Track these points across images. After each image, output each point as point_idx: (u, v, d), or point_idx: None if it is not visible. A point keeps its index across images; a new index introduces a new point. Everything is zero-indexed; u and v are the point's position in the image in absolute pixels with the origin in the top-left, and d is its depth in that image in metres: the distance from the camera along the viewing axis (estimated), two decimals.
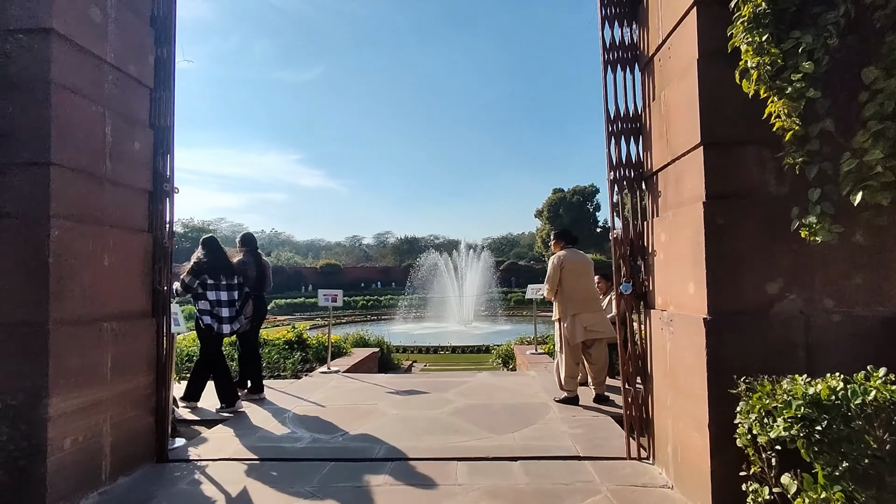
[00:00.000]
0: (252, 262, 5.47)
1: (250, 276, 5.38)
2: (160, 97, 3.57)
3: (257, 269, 5.49)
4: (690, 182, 2.73)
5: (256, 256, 5.56)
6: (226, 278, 4.96)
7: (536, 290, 8.20)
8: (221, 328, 4.87)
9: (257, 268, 5.50)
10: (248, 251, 5.57)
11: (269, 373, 6.78)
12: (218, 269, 4.93)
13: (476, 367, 14.73)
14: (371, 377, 6.47)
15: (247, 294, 5.21)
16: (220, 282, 4.91)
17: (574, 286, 4.92)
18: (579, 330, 4.84)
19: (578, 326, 4.84)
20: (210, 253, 4.99)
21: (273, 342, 8.20)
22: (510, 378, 6.17)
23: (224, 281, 4.94)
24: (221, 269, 4.96)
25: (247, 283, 5.28)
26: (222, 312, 4.89)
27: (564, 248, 5.10)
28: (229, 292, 4.96)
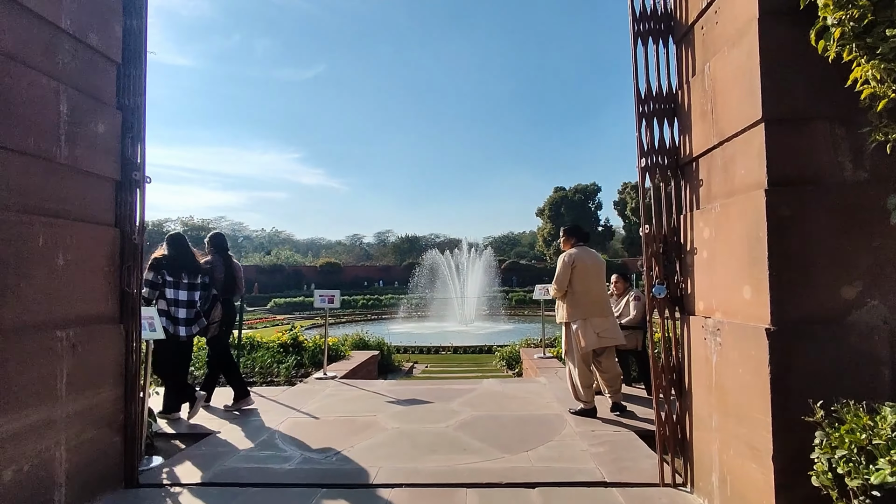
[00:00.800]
0: (220, 263, 5.05)
1: (218, 279, 4.97)
2: (129, 74, 3.15)
3: (226, 272, 5.07)
4: (745, 167, 2.31)
5: (226, 258, 5.16)
6: (188, 277, 4.56)
7: (544, 291, 7.78)
8: (177, 329, 4.44)
9: (226, 270, 5.08)
10: (217, 252, 5.14)
11: (262, 378, 6.37)
12: (180, 266, 4.52)
13: (478, 367, 14.34)
14: (370, 384, 6.06)
15: (214, 297, 4.82)
16: (180, 280, 4.51)
17: (586, 288, 4.49)
18: (591, 336, 4.42)
19: (590, 332, 4.42)
20: (173, 249, 4.59)
21: (267, 345, 7.79)
22: (519, 385, 5.75)
23: (185, 280, 4.54)
24: (184, 267, 4.55)
25: (214, 286, 4.89)
26: (179, 313, 4.48)
27: (575, 245, 4.68)
28: (189, 292, 4.56)
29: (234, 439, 3.99)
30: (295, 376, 6.56)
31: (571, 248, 4.70)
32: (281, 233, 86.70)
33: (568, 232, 4.85)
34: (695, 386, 2.80)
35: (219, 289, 4.93)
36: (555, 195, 62.98)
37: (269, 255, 63.79)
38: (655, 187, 3.04)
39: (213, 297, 4.83)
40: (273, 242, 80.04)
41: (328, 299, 6.51)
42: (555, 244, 61.91)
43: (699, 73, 2.75)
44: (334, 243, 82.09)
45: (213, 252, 5.13)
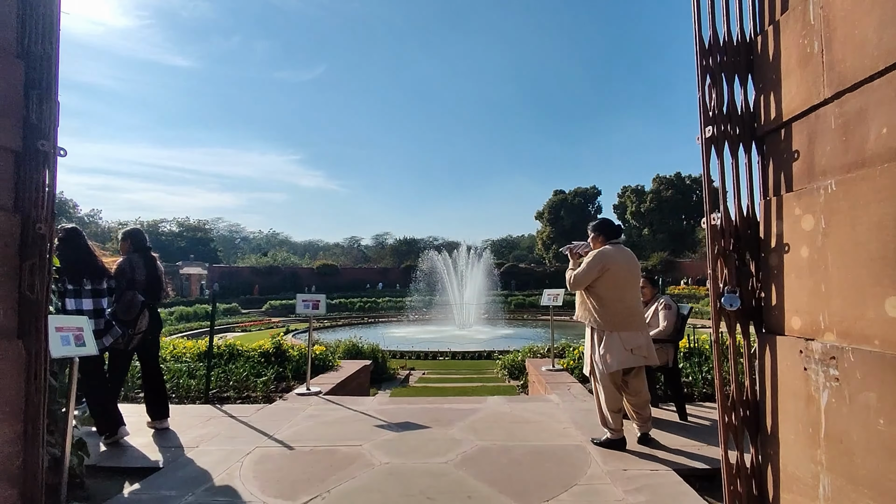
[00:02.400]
0: (141, 263, 4.30)
1: (139, 281, 4.22)
2: (35, 14, 2.42)
3: (148, 273, 4.33)
4: (890, 123, 1.59)
5: (148, 258, 4.41)
6: (91, 283, 3.84)
7: (553, 297, 7.06)
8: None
9: (148, 271, 4.34)
10: (136, 250, 4.38)
11: (236, 394, 5.62)
12: (79, 270, 3.80)
13: (478, 375, 13.56)
14: (358, 402, 5.30)
15: (142, 303, 4.13)
16: (82, 287, 3.79)
17: (618, 295, 3.75)
18: (620, 353, 3.67)
19: (619, 348, 3.68)
20: (70, 250, 3.82)
21: (248, 354, 7.04)
22: (528, 406, 5.01)
23: (88, 286, 3.83)
24: (85, 270, 3.83)
25: (141, 289, 4.20)
26: None
27: (607, 243, 3.94)
28: (95, 300, 3.85)
29: (183, 478, 3.24)
30: (275, 391, 5.81)
31: (603, 246, 3.94)
32: (278, 234, 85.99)
33: (597, 228, 4.04)
34: (783, 431, 2.08)
35: (141, 293, 4.21)
36: (554, 198, 62.36)
37: (265, 257, 62.98)
38: (723, 165, 2.32)
39: (140, 304, 4.11)
40: (271, 244, 79.26)
41: (312, 305, 5.76)
42: (554, 248, 61.31)
43: (795, 8, 2.03)
44: (332, 245, 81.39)
45: (132, 251, 4.37)
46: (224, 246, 73.08)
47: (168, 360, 6.88)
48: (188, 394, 5.52)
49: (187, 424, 4.45)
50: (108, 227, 55.89)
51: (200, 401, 5.35)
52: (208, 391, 5.40)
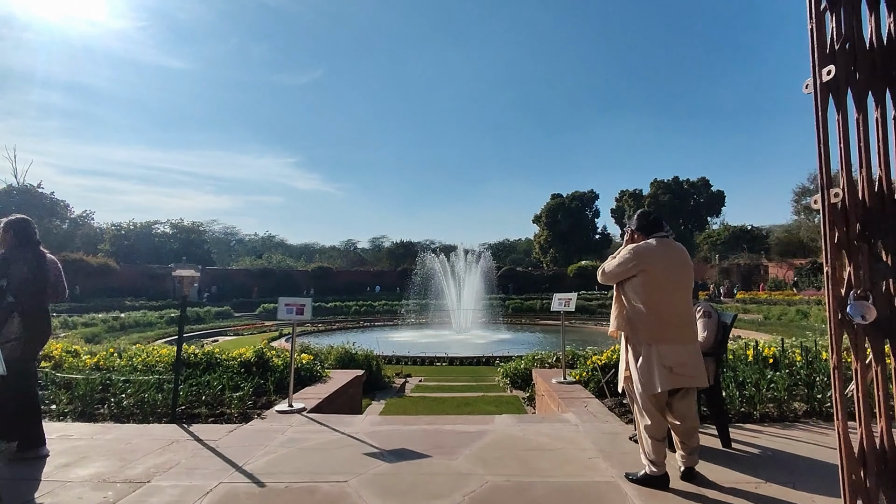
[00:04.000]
0: (22, 259, 3.62)
1: (25, 279, 3.57)
2: None
3: (34, 271, 3.65)
4: None
5: (35, 252, 3.74)
6: None
7: (564, 301, 6.41)
8: None
9: (34, 269, 3.66)
10: (22, 245, 3.70)
11: (209, 410, 4.94)
12: None
13: (477, 382, 12.85)
14: (347, 422, 4.61)
15: (9, 305, 3.46)
16: None
17: (659, 300, 3.09)
18: (659, 371, 3.02)
19: (657, 366, 3.02)
20: None
21: (226, 363, 6.36)
22: (543, 428, 4.33)
23: None
24: None
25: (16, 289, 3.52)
26: None
27: (650, 237, 3.25)
28: None
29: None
30: (253, 407, 5.12)
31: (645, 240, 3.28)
32: (274, 237, 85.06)
33: (640, 218, 3.36)
34: None
35: (25, 293, 3.55)
36: (552, 202, 61.87)
37: (259, 259, 62.14)
38: (845, 120, 1.67)
39: (6, 305, 3.42)
40: (266, 247, 78.40)
41: (296, 310, 5.07)
42: (551, 251, 60.71)
43: None
44: (328, 248, 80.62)
45: (16, 244, 3.68)
46: (219, 248, 72.18)
47: (139, 368, 6.20)
48: (153, 411, 4.82)
49: (144, 450, 3.76)
50: (100, 229, 54.93)
51: (167, 419, 4.66)
52: (175, 408, 4.71)
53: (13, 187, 44.17)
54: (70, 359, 6.78)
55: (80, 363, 6.58)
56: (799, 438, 3.93)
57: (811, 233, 51.87)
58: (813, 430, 4.12)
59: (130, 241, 52.56)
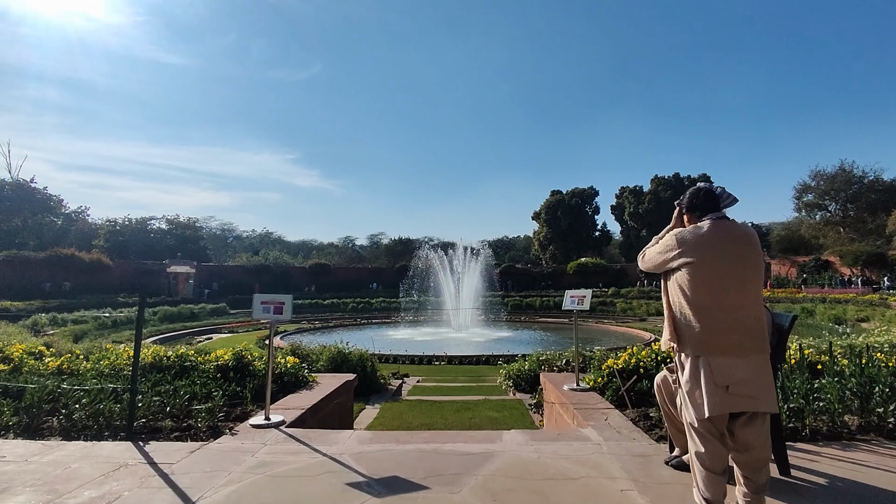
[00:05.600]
0: None
1: None
2: None
3: None
4: None
5: None
6: None
7: (578, 299, 5.77)
8: None
9: None
10: None
11: (175, 423, 4.30)
12: None
13: (478, 383, 12.22)
14: (330, 439, 3.95)
15: None
16: None
17: (716, 298, 2.44)
18: (713, 392, 2.37)
19: (709, 384, 2.38)
20: None
21: (201, 367, 5.71)
22: (561, 448, 3.68)
23: None
24: None
25: None
26: None
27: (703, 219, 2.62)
28: None
29: None
30: (225, 419, 4.47)
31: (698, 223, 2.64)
32: (272, 234, 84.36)
33: (689, 197, 2.74)
34: None
35: None
36: (551, 198, 61.21)
37: (256, 256, 61.40)
38: None
39: None
40: (264, 243, 77.70)
41: (274, 309, 4.42)
42: (551, 248, 59.99)
43: None
44: (326, 245, 79.94)
45: None
46: (216, 245, 71.44)
47: (105, 373, 5.55)
48: (109, 424, 4.17)
49: (83, 478, 3.12)
50: (95, 225, 54.18)
51: (122, 435, 4.02)
52: (132, 423, 4.06)
53: (6, 182, 43.38)
54: (31, 361, 6.12)
55: (43, 367, 5.94)
56: (866, 463, 3.30)
57: (812, 230, 51.37)
58: (880, 452, 3.49)
59: (125, 237, 51.85)
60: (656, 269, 2.71)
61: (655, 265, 2.68)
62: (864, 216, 49.31)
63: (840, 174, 50.50)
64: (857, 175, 49.99)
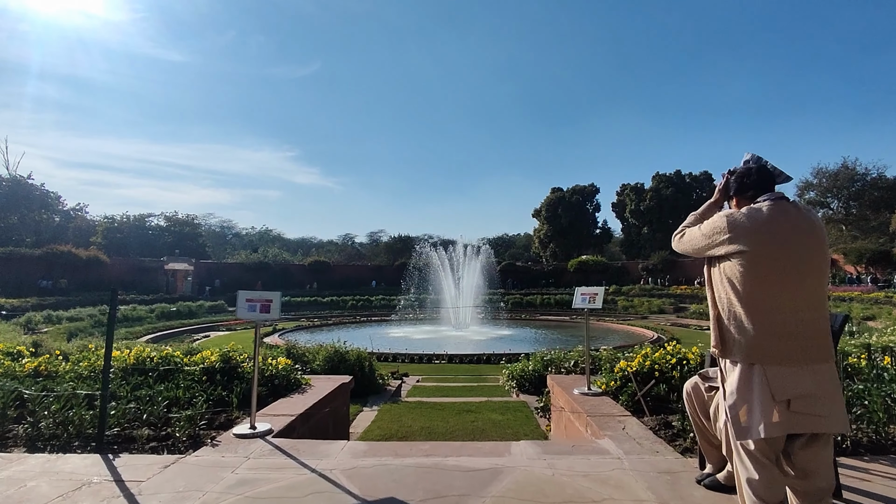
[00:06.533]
0: None
1: None
2: None
3: None
4: None
5: None
6: None
7: (589, 297, 5.39)
8: None
9: None
10: None
11: (153, 432, 3.92)
12: None
13: (479, 383, 11.86)
14: (321, 451, 3.57)
15: None
16: None
17: (774, 295, 2.07)
18: (768, 408, 2.00)
19: (765, 398, 2.01)
20: None
21: (187, 368, 5.34)
22: (577, 463, 3.31)
23: None
24: None
25: None
26: None
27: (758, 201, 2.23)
28: None
29: None
30: (208, 427, 4.10)
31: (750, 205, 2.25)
32: (271, 231, 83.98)
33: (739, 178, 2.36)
34: None
35: None
36: (552, 196, 60.79)
37: (255, 253, 60.98)
38: None
39: None
40: (263, 240, 77.34)
41: (261, 307, 4.04)
42: (551, 246, 59.53)
43: None
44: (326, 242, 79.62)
45: None
46: (215, 242, 71.07)
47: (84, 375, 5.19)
48: (80, 433, 3.79)
49: (40, 499, 2.75)
50: (93, 222, 53.77)
51: (92, 447, 3.65)
52: (103, 432, 3.68)
53: (3, 178, 42.96)
54: (7, 362, 5.73)
55: (19, 368, 5.56)
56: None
57: None
58: None
59: (123, 234, 51.46)
60: (695, 254, 2.34)
61: (695, 249, 2.30)
62: (867, 214, 48.92)
63: (842, 171, 50.10)
64: (860, 172, 49.60)
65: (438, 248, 32.01)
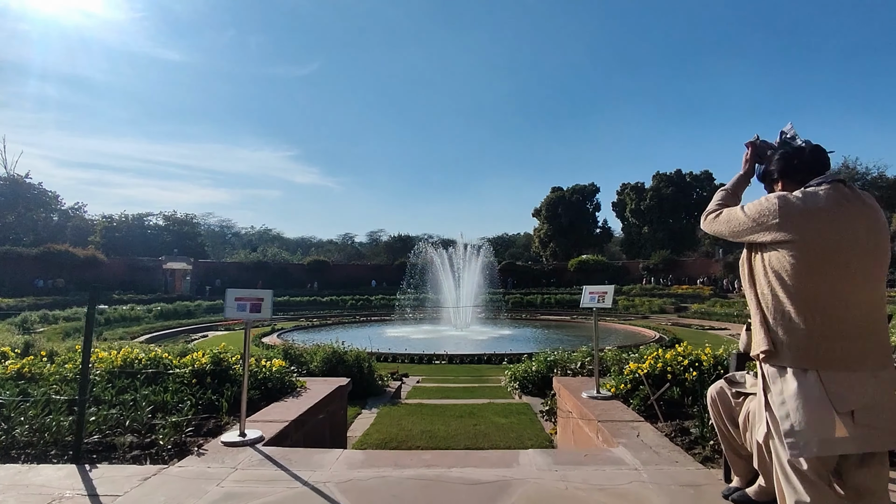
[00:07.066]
0: None
1: None
2: None
3: None
4: None
5: None
6: None
7: (598, 296, 5.14)
8: None
9: None
10: None
11: (138, 439, 3.68)
12: None
13: (480, 383, 11.61)
14: (314, 461, 3.32)
15: None
16: None
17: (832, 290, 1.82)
18: (823, 419, 1.74)
19: (822, 408, 1.75)
20: None
21: (176, 371, 5.09)
22: (591, 475, 3.05)
23: None
24: None
25: None
26: None
27: (808, 186, 1.98)
28: None
29: None
30: (195, 434, 3.85)
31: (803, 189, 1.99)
32: (271, 231, 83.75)
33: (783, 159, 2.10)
34: None
35: None
36: (552, 195, 60.54)
37: (254, 252, 60.72)
38: None
39: None
40: (263, 240, 77.12)
41: (250, 306, 3.78)
42: (552, 245, 59.24)
43: None
44: (325, 242, 79.39)
45: None
46: (214, 241, 70.84)
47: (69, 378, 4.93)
48: (58, 441, 3.55)
49: None
50: (92, 221, 53.50)
51: (70, 456, 3.40)
52: (81, 441, 3.43)
53: (0, 178, 42.70)
54: None
55: (1, 371, 5.31)
56: None
57: None
58: None
59: (122, 233, 51.19)
60: (733, 237, 2.04)
61: (734, 232, 2.01)
62: None
63: (843, 171, 49.81)
64: (861, 172, 49.32)
65: (438, 247, 31.77)
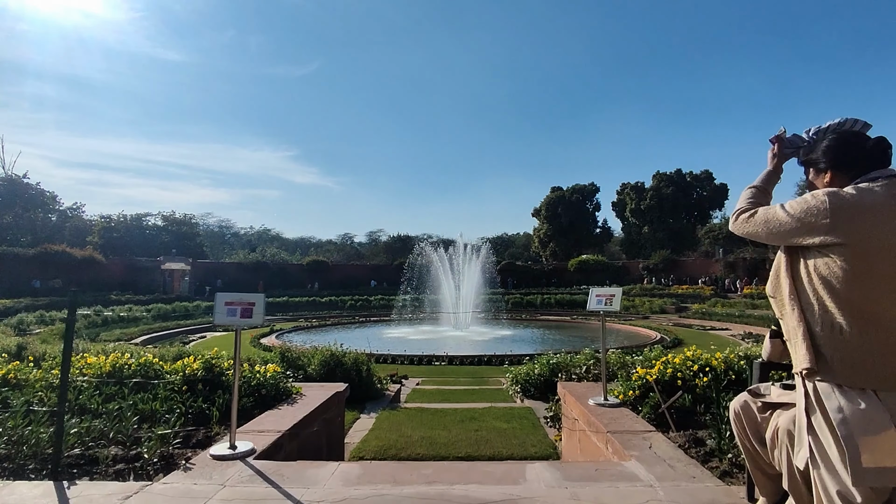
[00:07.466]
0: None
1: None
2: None
3: None
4: None
5: None
6: None
7: (606, 298, 4.94)
8: None
9: None
10: None
11: (123, 451, 3.48)
12: None
13: (480, 386, 11.42)
14: (307, 479, 3.10)
15: None
16: None
17: (878, 300, 1.60)
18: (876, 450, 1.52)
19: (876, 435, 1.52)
20: None
21: (166, 377, 4.89)
22: (603, 493, 2.84)
23: None
24: None
25: None
26: None
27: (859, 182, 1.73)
28: None
29: None
30: (183, 446, 3.65)
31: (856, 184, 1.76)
32: (270, 231, 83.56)
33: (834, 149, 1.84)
34: None
35: None
36: (552, 195, 60.36)
37: (253, 253, 60.49)
38: None
39: None
40: (262, 240, 76.91)
41: (241, 311, 3.58)
42: (551, 245, 58.98)
43: None
44: (325, 242, 79.19)
45: None
46: (213, 242, 70.61)
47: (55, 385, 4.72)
48: (36, 454, 3.34)
49: None
50: (90, 222, 53.26)
51: (48, 471, 3.20)
52: (59, 454, 3.23)
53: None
54: None
55: None
56: None
57: None
58: None
59: (120, 233, 50.95)
60: (772, 240, 1.81)
61: (774, 234, 1.77)
62: None
63: None
64: None
65: (438, 247, 31.58)
